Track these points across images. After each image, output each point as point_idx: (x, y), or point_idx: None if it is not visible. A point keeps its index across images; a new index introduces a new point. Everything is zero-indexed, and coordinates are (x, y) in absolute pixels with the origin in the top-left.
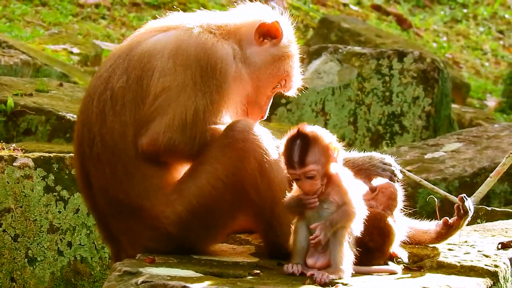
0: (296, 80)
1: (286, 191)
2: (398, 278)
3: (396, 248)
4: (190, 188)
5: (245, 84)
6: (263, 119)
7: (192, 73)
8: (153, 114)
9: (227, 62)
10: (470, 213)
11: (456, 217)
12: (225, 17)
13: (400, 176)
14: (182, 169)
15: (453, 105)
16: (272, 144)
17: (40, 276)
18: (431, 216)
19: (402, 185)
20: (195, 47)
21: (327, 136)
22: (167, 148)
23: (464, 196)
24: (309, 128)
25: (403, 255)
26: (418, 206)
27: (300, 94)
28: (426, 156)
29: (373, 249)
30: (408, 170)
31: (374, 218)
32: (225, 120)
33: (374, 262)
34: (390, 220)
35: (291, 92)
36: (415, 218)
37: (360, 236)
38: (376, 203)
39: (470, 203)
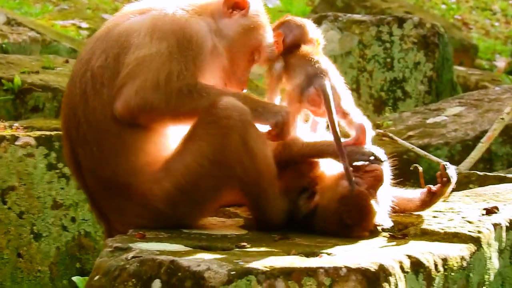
0: (269, 51)
1: (271, 166)
2: (382, 247)
3: (379, 218)
4: (176, 166)
5: (221, 57)
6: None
7: (168, 44)
8: (124, 79)
9: (202, 35)
10: (453, 180)
11: (439, 184)
12: None
13: (383, 158)
14: (169, 144)
15: (460, 68)
16: (253, 120)
17: (45, 251)
18: (433, 181)
19: (393, 156)
20: (171, 23)
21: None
22: (141, 108)
23: (446, 164)
24: None
25: (387, 222)
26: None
27: None
28: (428, 121)
29: (350, 225)
30: (410, 136)
31: (356, 197)
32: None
33: (355, 234)
34: (372, 201)
35: (265, 63)
36: (416, 183)
37: (338, 210)
38: (361, 180)
39: (452, 171)
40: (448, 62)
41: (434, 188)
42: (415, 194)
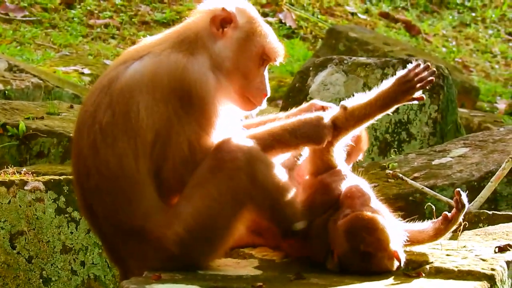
0: (276, 50)
1: (285, 186)
2: (395, 284)
3: (396, 247)
4: (186, 210)
5: (230, 82)
6: (268, 96)
7: (173, 106)
8: (158, 162)
9: (201, 82)
10: (466, 207)
11: (455, 210)
12: (185, 28)
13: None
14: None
15: (462, 110)
16: (261, 153)
17: None
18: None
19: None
20: (168, 76)
21: None
22: (179, 186)
23: (460, 190)
24: None
25: (401, 253)
26: (427, 212)
27: None
28: (433, 162)
29: (373, 253)
30: (416, 177)
31: (355, 222)
32: (219, 132)
33: (383, 265)
34: (369, 214)
35: (279, 60)
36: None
37: (355, 247)
38: (349, 210)
39: (464, 197)
40: (452, 103)
41: (449, 214)
42: (425, 225)
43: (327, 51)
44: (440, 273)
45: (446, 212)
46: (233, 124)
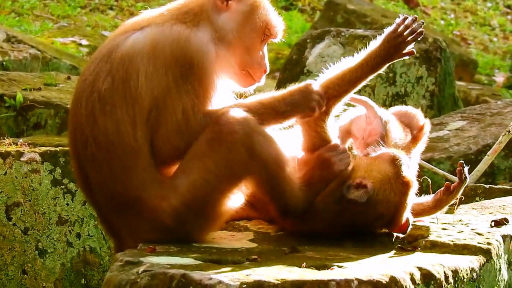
0: (278, 25)
1: (283, 161)
2: (391, 258)
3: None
4: (183, 183)
5: (232, 55)
6: (267, 72)
7: (173, 74)
8: (152, 128)
9: (203, 52)
10: (468, 180)
11: (458, 181)
12: (188, 1)
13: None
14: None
15: (460, 83)
16: (259, 126)
17: (50, 267)
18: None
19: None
20: (170, 46)
21: None
22: (173, 157)
23: (463, 163)
24: None
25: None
26: (424, 186)
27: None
28: (430, 135)
29: (409, 183)
30: None
31: (402, 155)
32: (215, 104)
33: (402, 213)
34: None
35: (279, 37)
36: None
37: (399, 173)
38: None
39: (466, 170)
40: (450, 76)
41: (452, 185)
42: (425, 198)
43: (325, 23)
44: (436, 247)
45: (449, 183)
46: (230, 99)
